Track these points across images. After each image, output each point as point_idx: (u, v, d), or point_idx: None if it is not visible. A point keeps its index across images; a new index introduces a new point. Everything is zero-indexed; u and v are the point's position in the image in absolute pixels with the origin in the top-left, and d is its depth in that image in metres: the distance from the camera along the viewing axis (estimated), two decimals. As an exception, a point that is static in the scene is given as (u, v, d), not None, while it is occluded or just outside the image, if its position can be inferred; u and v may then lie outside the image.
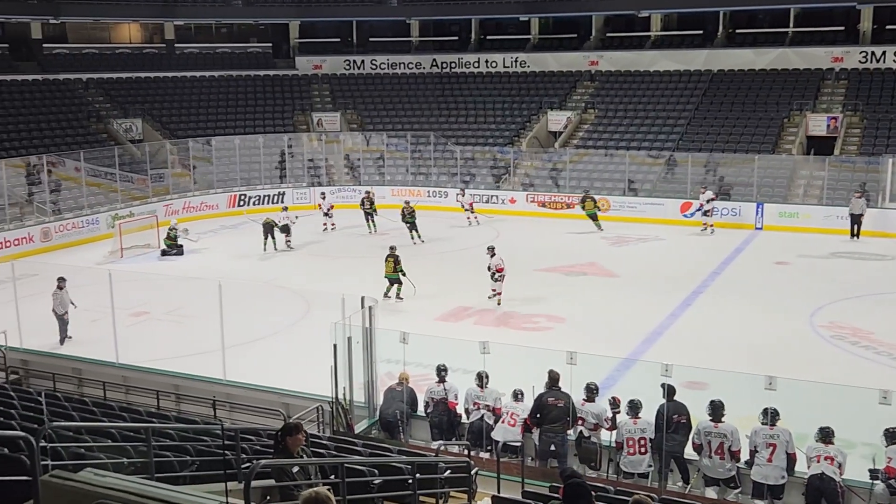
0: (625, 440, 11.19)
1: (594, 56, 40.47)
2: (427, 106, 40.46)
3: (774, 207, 29.79)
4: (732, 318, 19.67)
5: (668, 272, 24.09)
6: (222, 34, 45.89)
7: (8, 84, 36.64)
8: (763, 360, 15.47)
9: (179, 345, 17.72)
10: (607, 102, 38.22)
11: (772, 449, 10.36)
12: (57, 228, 28.69)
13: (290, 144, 37.74)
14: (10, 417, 9.51)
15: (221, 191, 34.78)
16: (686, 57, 38.82)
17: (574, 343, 13.28)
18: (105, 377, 15.10)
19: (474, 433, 12.26)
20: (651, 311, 20.09)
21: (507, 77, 41.47)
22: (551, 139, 37.78)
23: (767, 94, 35.71)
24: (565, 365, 11.47)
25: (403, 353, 12.94)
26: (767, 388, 10.41)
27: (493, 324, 19.30)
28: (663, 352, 16.30)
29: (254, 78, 42.28)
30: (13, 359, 16.00)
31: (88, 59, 41.02)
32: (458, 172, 35.71)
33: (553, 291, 22.24)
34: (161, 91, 40.23)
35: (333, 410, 12.83)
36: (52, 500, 5.66)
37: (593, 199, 30.28)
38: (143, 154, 34.44)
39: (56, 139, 34.50)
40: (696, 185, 30.88)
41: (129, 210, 30.97)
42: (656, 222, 30.46)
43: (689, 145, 33.83)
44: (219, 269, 24.07)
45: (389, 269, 21.29)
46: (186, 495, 5.92)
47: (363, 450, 10.03)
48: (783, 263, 24.94)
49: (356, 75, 43.12)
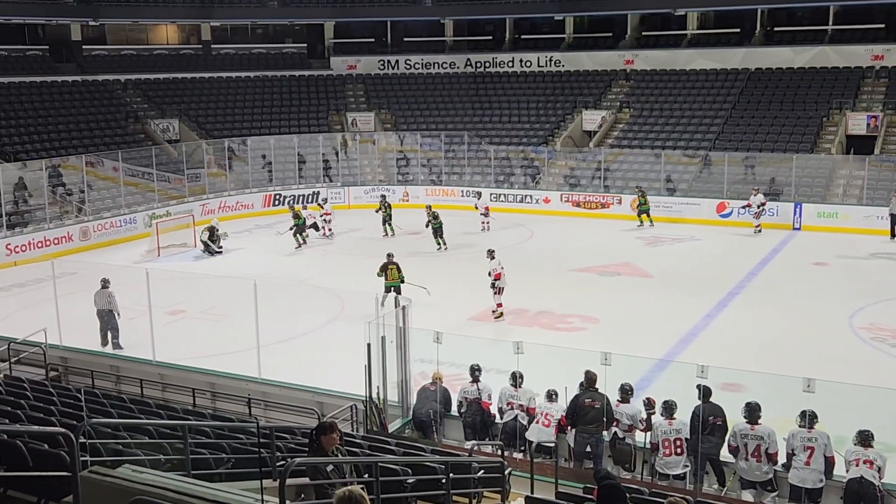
0: (660, 441, 11.10)
1: (629, 55, 40.22)
2: (461, 105, 40.45)
3: (813, 207, 29.41)
4: (769, 319, 19.44)
5: (703, 273, 23.89)
6: (258, 35, 46.21)
7: (48, 85, 37.21)
8: (801, 362, 15.27)
9: (215, 343, 17.87)
10: (642, 101, 37.97)
11: (810, 452, 10.22)
12: (95, 228, 29.07)
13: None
14: (51, 414, 9.65)
15: (257, 190, 35.05)
16: (723, 55, 38.44)
17: (608, 344, 13.20)
18: (142, 375, 15.28)
19: (508, 433, 12.23)
20: (686, 311, 19.92)
21: (541, 76, 41.34)
22: (586, 139, 37.61)
23: (806, 92, 35.27)
24: (599, 365, 11.40)
25: (437, 353, 12.94)
26: (805, 391, 10.27)
27: (526, 324, 19.24)
28: (699, 353, 16.13)
29: (289, 78, 42.54)
30: (53, 356, 16.23)
31: (126, 60, 41.54)
32: (491, 172, 35.67)
33: (587, 291, 22.14)
34: (197, 91, 40.65)
35: (367, 409, 12.86)
36: (91, 495, 5.73)
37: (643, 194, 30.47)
38: (180, 154, 34.84)
39: (95, 139, 34.97)
40: (736, 185, 30.62)
41: (165, 209, 31.31)
42: (692, 222, 30.21)
43: (726, 145, 33.51)
44: (254, 268, 24.24)
45: (394, 276, 20.28)
46: (222, 492, 5.97)
47: (396, 449, 10.05)
48: (822, 264, 24.62)
49: (390, 75, 43.22)
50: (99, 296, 17.94)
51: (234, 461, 8.61)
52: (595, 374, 11.61)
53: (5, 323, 19.14)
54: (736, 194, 30.71)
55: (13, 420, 9.03)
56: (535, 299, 21.03)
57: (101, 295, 17.92)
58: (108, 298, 17.83)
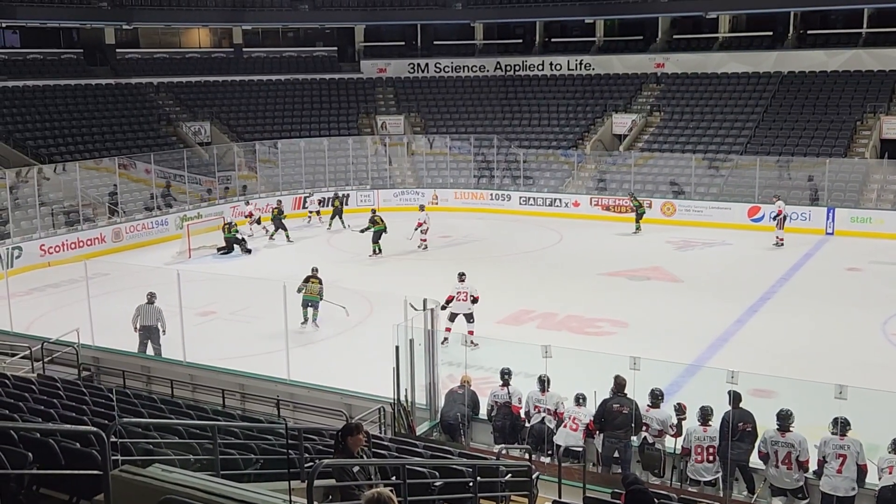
0: (693, 447, 11.01)
1: (660, 58, 39.99)
2: (490, 109, 40.43)
3: (846, 212, 29.08)
4: (801, 325, 19.24)
5: (734, 277, 23.69)
6: (289, 38, 46.49)
7: (83, 88, 37.69)
8: (833, 369, 15.10)
9: (245, 344, 17.97)
10: (673, 105, 37.74)
11: (842, 460, 10.09)
12: (128, 229, 29.38)
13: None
14: (82, 413, 9.76)
15: (287, 193, 35.23)
16: (755, 59, 38.10)
17: (637, 348, 13.15)
18: (173, 375, 15.40)
19: (535, 437, 12.20)
20: (716, 316, 19.76)
21: (571, 79, 41.21)
22: (616, 142, 37.45)
23: (840, 96, 34.88)
24: (628, 370, 11.34)
25: (465, 356, 12.94)
26: (837, 398, 10.14)
27: (555, 327, 19.19)
28: (729, 358, 16.02)
29: (319, 81, 42.75)
30: (85, 356, 16.39)
31: (159, 63, 41.95)
32: (521, 175, 35.61)
33: (616, 296, 22.03)
34: (229, 94, 40.99)
35: (395, 412, 12.89)
36: (121, 494, 5.79)
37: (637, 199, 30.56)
38: (211, 156, 35.13)
39: (127, 142, 35.38)
40: (767, 189, 30.37)
41: (196, 211, 31.57)
42: (723, 226, 29.97)
43: (758, 148, 33.22)
44: (283, 269, 24.34)
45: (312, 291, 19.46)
46: (251, 493, 6.01)
47: (424, 452, 10.05)
48: (855, 270, 24.32)
49: (420, 78, 43.29)
50: (146, 311, 17.02)
51: (262, 462, 8.66)
52: (624, 379, 11.55)
53: (39, 323, 19.39)
54: (767, 198, 30.43)
55: (46, 419, 9.15)
56: (563, 303, 20.98)
57: (149, 311, 17.01)
58: (157, 315, 16.98)
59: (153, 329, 17.02)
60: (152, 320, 17.01)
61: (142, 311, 17.07)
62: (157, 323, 17.03)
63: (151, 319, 17.01)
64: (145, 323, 16.99)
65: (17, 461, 6.25)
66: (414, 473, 7.98)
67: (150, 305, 17.08)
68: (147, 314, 17.02)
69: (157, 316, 17.03)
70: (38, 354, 15.73)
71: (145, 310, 17.06)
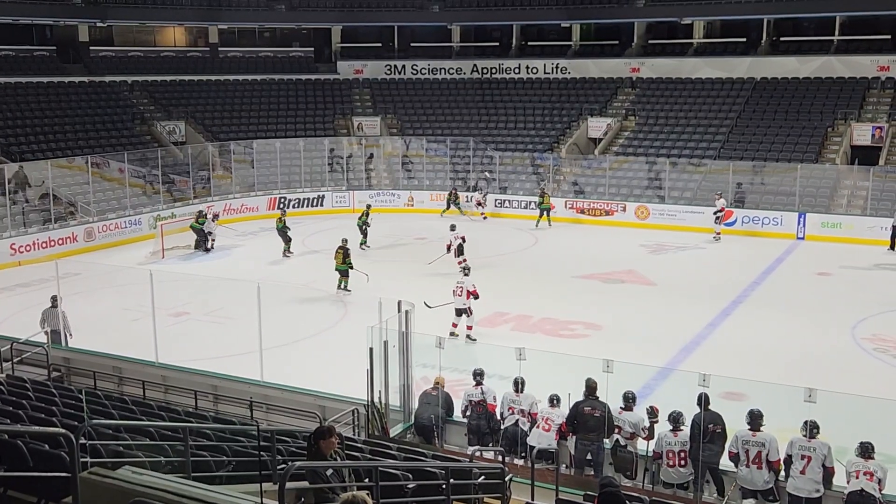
0: (664, 452, 11.09)
1: (636, 63, 40.24)
2: (467, 111, 40.48)
3: (817, 217, 29.40)
4: (772, 328, 19.43)
5: (707, 281, 23.86)
6: (265, 38, 46.30)
7: (55, 86, 37.33)
8: (803, 372, 15.27)
9: (218, 346, 17.88)
10: (648, 109, 37.98)
11: (806, 461, 10.20)
12: (100, 228, 29.12)
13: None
14: (52, 414, 9.66)
15: (262, 193, 35.10)
16: (729, 64, 38.44)
17: (611, 351, 13.19)
18: (145, 376, 15.28)
19: (509, 439, 12.23)
20: (689, 320, 19.91)
21: (547, 83, 41.35)
22: (591, 146, 37.63)
23: (811, 102, 35.28)
24: (601, 373, 11.40)
25: (439, 358, 12.94)
26: (807, 401, 10.25)
27: (529, 330, 19.25)
28: (701, 362, 16.13)
29: (295, 82, 42.62)
30: (56, 356, 16.23)
31: (134, 61, 41.61)
32: (496, 178, 35.68)
33: (590, 299, 22.13)
34: (204, 94, 40.73)
35: (369, 414, 12.86)
36: (90, 496, 5.75)
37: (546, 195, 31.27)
38: (186, 156, 34.90)
39: (101, 140, 35.05)
40: (740, 194, 30.70)
41: (170, 211, 31.36)
42: (696, 230, 30.18)
43: (731, 153, 33.51)
44: (258, 271, 24.28)
45: (339, 261, 22.35)
46: (222, 495, 5.98)
47: (398, 454, 10.05)
48: (825, 274, 24.59)
49: (397, 80, 43.27)
50: (50, 315, 16.92)
51: (234, 464, 8.62)
52: (595, 382, 11.62)
53: (8, 323, 19.18)
54: (741, 203, 30.75)
55: (14, 420, 9.05)
56: (537, 306, 21.05)
57: (53, 315, 16.89)
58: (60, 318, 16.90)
59: (58, 333, 16.91)
60: (57, 324, 16.91)
61: (47, 316, 16.98)
62: (61, 327, 16.91)
63: (56, 323, 16.90)
64: (52, 327, 16.85)
65: (-16, 463, 6.17)
66: (387, 475, 7.98)
67: (53, 309, 16.94)
68: (51, 318, 16.93)
69: (60, 319, 16.93)
70: (7, 355, 15.52)
71: (49, 313, 16.96)
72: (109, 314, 20.29)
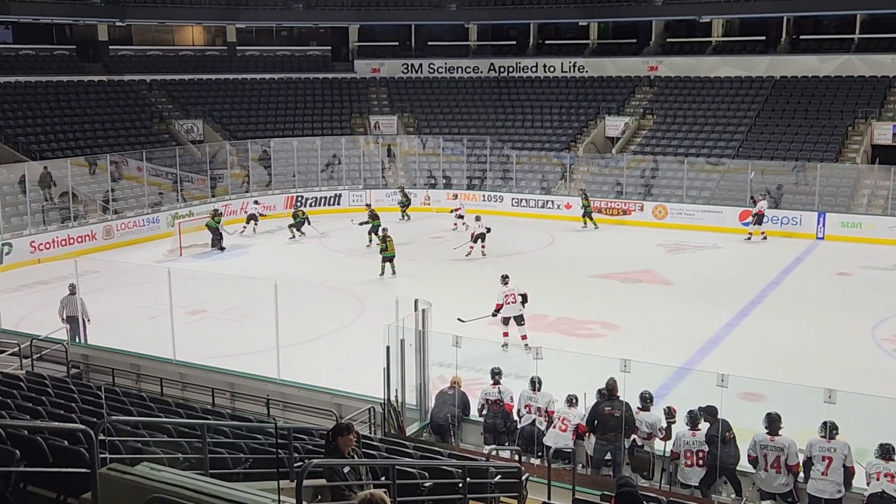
0: (682, 451, 11.03)
1: (653, 61, 40.07)
2: (484, 110, 40.45)
3: (837, 217, 29.19)
4: (791, 329, 19.30)
5: (725, 281, 23.74)
6: (282, 37, 46.43)
7: (75, 84, 37.55)
8: (822, 373, 15.14)
9: (235, 343, 17.95)
10: (666, 108, 37.82)
11: (827, 462, 10.12)
12: (119, 226, 29.29)
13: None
14: (71, 411, 9.71)
15: (279, 192, 35.19)
16: (748, 63, 38.22)
17: (628, 351, 13.16)
18: (162, 374, 15.35)
19: (525, 439, 12.20)
20: (707, 320, 19.81)
21: (564, 82, 41.25)
22: (608, 145, 37.51)
23: (831, 101, 35.01)
24: (619, 372, 11.36)
25: (456, 357, 12.92)
26: (826, 402, 10.17)
27: (546, 329, 19.19)
28: (719, 362, 16.04)
29: (313, 81, 42.70)
30: (75, 353, 16.34)
31: (152, 60, 41.83)
32: (513, 177, 35.64)
33: (607, 298, 22.06)
34: (222, 93, 40.88)
35: (385, 412, 12.87)
36: (109, 492, 5.77)
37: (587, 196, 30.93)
38: (203, 155, 35.05)
39: (119, 139, 35.25)
40: (759, 193, 30.53)
41: (188, 209, 31.49)
42: (714, 230, 30.03)
43: (750, 153, 33.32)
44: (275, 269, 24.33)
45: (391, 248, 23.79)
46: (239, 492, 5.99)
47: (414, 452, 10.04)
48: (845, 274, 24.41)
49: (414, 79, 43.28)
50: (69, 302, 17.50)
51: (251, 461, 8.64)
52: (616, 381, 11.57)
53: (28, 320, 19.31)
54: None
55: (34, 416, 9.11)
56: (554, 305, 20.97)
57: (72, 302, 17.47)
58: (79, 305, 17.44)
59: (76, 319, 17.53)
60: (75, 311, 17.51)
61: (65, 303, 17.61)
62: (79, 313, 17.55)
63: (74, 310, 17.51)
64: (70, 314, 17.52)
65: (4, 459, 6.21)
66: (403, 474, 7.98)
67: (71, 296, 17.57)
68: (70, 305, 17.54)
69: (78, 306, 17.54)
70: (26, 351, 15.66)
71: (68, 301, 17.58)
72: (127, 311, 20.39)
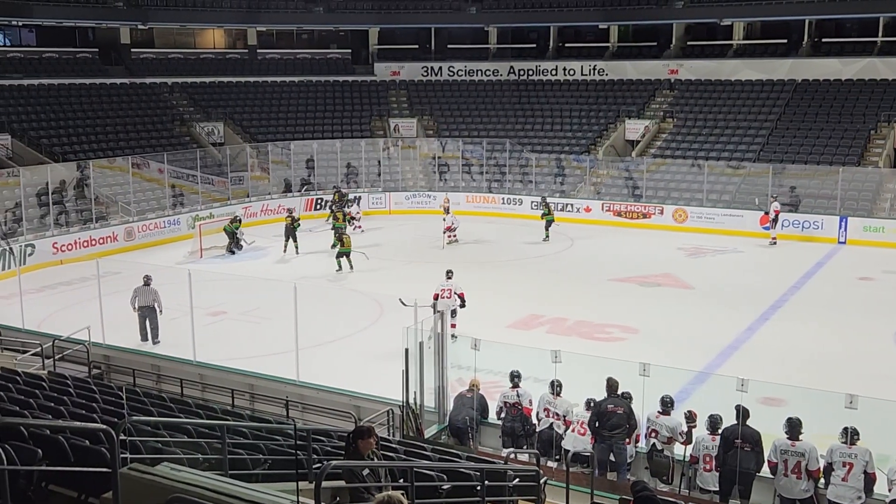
0: (701, 456, 10.98)
1: (674, 64, 39.90)
2: (503, 113, 40.42)
3: (859, 221, 28.95)
4: (812, 333, 19.17)
5: (745, 285, 23.59)
6: (303, 40, 46.60)
7: (97, 87, 37.84)
8: (844, 378, 15.03)
9: (254, 345, 18.02)
10: (686, 111, 37.65)
11: (848, 468, 10.04)
12: (140, 228, 29.49)
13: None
14: (92, 411, 9.79)
15: (298, 194, 35.31)
16: (769, 66, 37.99)
17: (647, 354, 13.10)
18: (182, 374, 15.46)
19: (544, 442, 12.19)
20: (727, 324, 19.70)
21: (584, 85, 41.17)
22: (628, 148, 37.39)
23: (854, 104, 34.74)
24: (638, 376, 11.33)
25: (474, 360, 12.92)
26: (848, 407, 10.10)
27: (565, 333, 19.15)
28: (739, 366, 15.93)
29: (333, 83, 42.85)
30: (96, 354, 16.48)
31: (174, 63, 42.10)
32: (532, 180, 35.59)
33: (627, 302, 21.98)
34: (243, 95, 41.09)
35: (404, 415, 12.89)
36: (130, 492, 5.80)
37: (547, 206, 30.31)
38: (224, 157, 35.23)
39: (141, 141, 35.50)
40: (781, 198, 30.33)
41: (209, 211, 31.66)
42: (735, 234, 29.87)
43: (771, 156, 33.11)
44: (294, 271, 24.43)
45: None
46: (259, 493, 6.02)
47: (432, 455, 10.05)
48: (867, 279, 24.21)
49: (433, 82, 43.32)
50: (142, 293, 18.19)
51: (270, 462, 8.68)
52: (616, 380, 11.62)
53: (51, 320, 19.49)
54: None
55: (56, 416, 9.19)
56: (573, 308, 20.95)
57: (145, 292, 18.21)
58: (153, 296, 18.21)
59: (150, 309, 18.16)
60: (149, 300, 18.22)
61: (139, 293, 18.26)
62: (153, 303, 18.24)
63: (148, 300, 18.22)
64: (143, 304, 18.21)
65: (26, 457, 6.27)
66: (422, 476, 7.98)
67: (146, 287, 18.27)
68: (144, 295, 18.22)
69: (153, 297, 18.25)
70: (48, 352, 15.82)
71: (142, 291, 18.25)
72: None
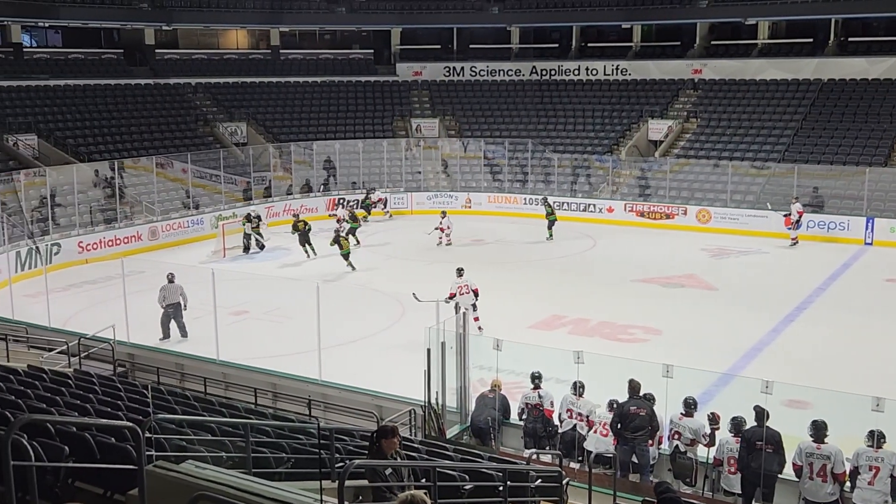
0: (725, 458, 10.91)
1: (698, 64, 39.66)
2: (525, 113, 40.34)
3: (886, 222, 28.64)
4: (838, 335, 18.99)
5: (770, 286, 23.41)
6: (325, 41, 46.77)
7: (122, 87, 38.14)
8: (870, 381, 14.87)
9: (277, 344, 18.09)
10: (710, 111, 37.43)
11: (874, 472, 9.94)
12: (164, 228, 29.69)
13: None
14: (118, 408, 9.87)
15: (321, 194, 35.44)
16: (794, 65, 37.68)
17: (670, 356, 13.02)
18: (206, 373, 15.54)
19: (566, 443, 12.16)
20: (751, 326, 19.55)
21: (607, 85, 41.03)
22: (651, 148, 37.21)
23: (881, 104, 34.38)
24: (661, 378, 11.26)
25: (496, 360, 12.90)
26: (874, 410, 10.00)
27: (587, 333, 19.09)
28: (763, 368, 15.83)
29: (355, 84, 42.96)
30: (121, 352, 16.60)
31: (197, 64, 42.38)
32: (555, 180, 35.51)
33: (650, 303, 21.87)
34: (266, 96, 41.29)
35: (426, 415, 12.90)
36: (155, 489, 5.84)
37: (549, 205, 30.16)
38: (247, 157, 35.41)
39: (165, 141, 35.77)
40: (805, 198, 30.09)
41: (232, 211, 31.82)
42: (759, 235, 29.65)
43: (796, 157, 32.84)
44: (316, 271, 24.49)
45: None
46: (282, 491, 6.04)
47: (454, 455, 10.04)
48: (894, 281, 23.96)
49: (455, 82, 43.32)
50: (169, 290, 18.48)
51: (293, 461, 8.71)
52: (638, 382, 11.56)
53: (76, 319, 19.65)
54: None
55: (82, 413, 9.27)
56: (596, 309, 20.88)
57: (172, 289, 18.49)
58: (179, 291, 18.54)
59: (177, 305, 18.52)
60: (176, 297, 18.51)
61: (166, 290, 18.56)
62: (180, 299, 18.53)
63: (175, 296, 18.50)
64: (171, 301, 18.47)
65: (53, 454, 6.32)
66: (444, 476, 7.98)
67: (171, 284, 18.59)
68: (171, 292, 18.52)
69: (179, 292, 18.56)
70: (74, 350, 15.95)
71: (169, 288, 18.55)
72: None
